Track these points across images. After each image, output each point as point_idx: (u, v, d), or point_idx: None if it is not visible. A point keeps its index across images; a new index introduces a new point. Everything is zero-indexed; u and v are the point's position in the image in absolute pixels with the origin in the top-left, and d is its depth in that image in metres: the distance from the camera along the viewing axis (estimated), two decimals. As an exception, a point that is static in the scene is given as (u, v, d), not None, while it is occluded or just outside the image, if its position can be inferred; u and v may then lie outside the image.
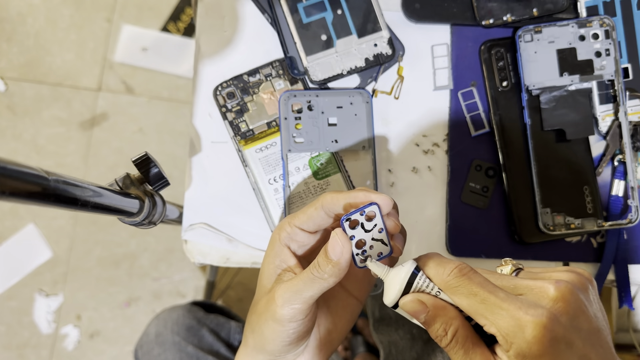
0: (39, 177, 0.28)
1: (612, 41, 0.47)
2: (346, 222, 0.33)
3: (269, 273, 0.37)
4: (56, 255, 1.21)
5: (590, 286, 0.30)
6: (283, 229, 0.37)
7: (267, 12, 0.50)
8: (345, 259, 0.33)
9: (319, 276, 0.33)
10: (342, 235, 0.33)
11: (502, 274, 0.31)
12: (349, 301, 0.39)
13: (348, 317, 0.39)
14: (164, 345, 0.64)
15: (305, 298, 0.34)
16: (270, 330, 0.35)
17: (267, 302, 0.35)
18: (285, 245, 0.37)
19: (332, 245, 0.33)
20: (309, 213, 0.36)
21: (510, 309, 0.28)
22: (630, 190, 0.48)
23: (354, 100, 0.48)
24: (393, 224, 0.35)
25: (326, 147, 0.48)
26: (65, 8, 1.27)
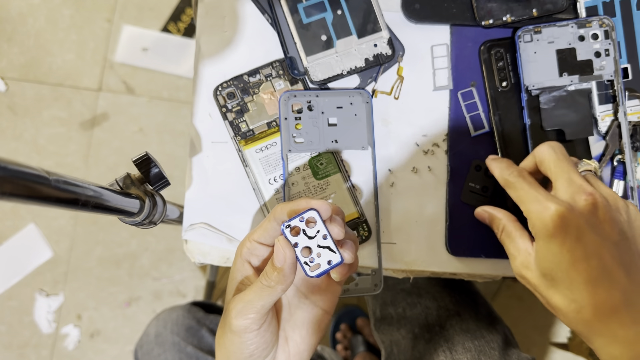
0: (39, 177, 0.28)
1: (612, 41, 0.47)
2: (287, 228, 0.34)
3: (231, 288, 0.38)
4: (57, 255, 1.21)
5: (627, 214, 0.38)
6: (244, 245, 0.38)
7: (267, 12, 0.50)
8: (289, 265, 0.34)
9: (267, 284, 0.34)
10: (284, 241, 0.34)
11: (570, 165, 0.38)
12: (315, 313, 0.40)
13: (316, 329, 0.39)
14: (163, 346, 0.64)
15: (257, 308, 0.34)
16: (230, 342, 0.36)
17: (225, 314, 0.36)
18: (246, 260, 0.38)
19: (276, 252, 0.34)
20: (265, 226, 0.37)
21: (541, 200, 0.35)
22: (629, 190, 0.48)
23: (354, 101, 0.49)
24: (337, 230, 0.35)
25: (326, 147, 0.48)
26: (65, 8, 1.27)
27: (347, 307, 1.18)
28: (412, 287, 0.60)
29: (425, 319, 0.57)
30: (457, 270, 0.49)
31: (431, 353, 0.54)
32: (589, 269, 0.33)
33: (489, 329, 0.55)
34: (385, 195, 0.49)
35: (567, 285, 0.34)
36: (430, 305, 0.58)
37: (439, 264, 0.49)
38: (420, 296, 0.59)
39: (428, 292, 0.59)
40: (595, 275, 0.33)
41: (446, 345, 0.53)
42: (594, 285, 0.32)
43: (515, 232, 0.40)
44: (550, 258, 0.34)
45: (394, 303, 0.61)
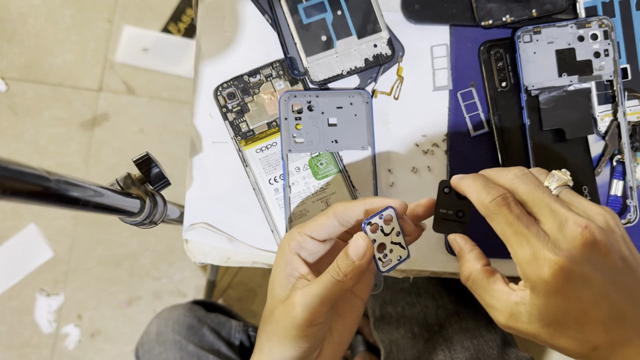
0: (40, 177, 0.28)
1: (611, 42, 0.47)
2: (367, 225, 0.34)
3: (281, 281, 0.37)
4: (57, 255, 1.21)
5: (619, 228, 0.33)
6: (293, 238, 0.38)
7: (267, 12, 0.50)
8: (367, 260, 0.34)
9: (339, 278, 0.34)
10: (365, 237, 0.34)
11: (544, 194, 0.32)
12: (354, 302, 0.40)
13: (354, 317, 0.40)
14: (164, 344, 0.64)
15: (324, 301, 0.34)
16: (290, 337, 0.35)
17: (285, 309, 0.36)
18: (295, 253, 0.37)
19: (356, 247, 0.34)
20: (321, 221, 0.37)
21: (536, 246, 0.30)
22: (629, 190, 0.48)
23: (354, 101, 0.49)
24: (410, 226, 0.37)
25: (326, 147, 0.48)
26: (66, 8, 1.27)
27: (347, 307, 1.18)
28: (412, 287, 0.60)
29: (425, 318, 0.57)
30: (456, 270, 0.49)
31: (430, 352, 0.54)
32: (599, 312, 0.30)
33: (488, 328, 0.55)
34: (385, 195, 0.50)
35: (578, 329, 0.30)
36: (430, 304, 0.58)
37: (438, 263, 0.49)
38: (419, 295, 0.59)
39: (427, 292, 0.59)
40: (606, 316, 0.30)
41: (445, 344, 0.53)
42: (607, 325, 0.30)
43: (487, 281, 0.33)
44: (554, 310, 0.30)
45: (393, 302, 0.61)
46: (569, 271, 0.29)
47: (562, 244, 0.30)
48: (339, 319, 0.39)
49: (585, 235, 0.30)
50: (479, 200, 0.33)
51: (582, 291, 0.29)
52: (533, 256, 0.30)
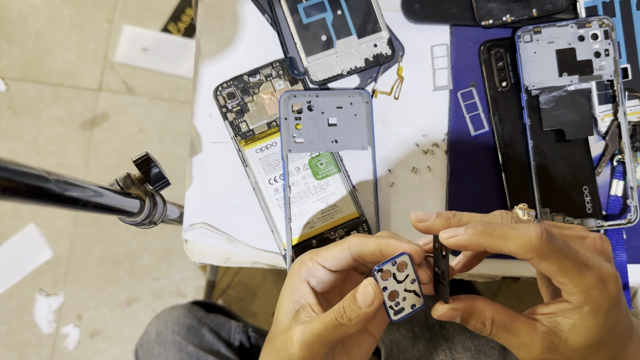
0: (39, 177, 0.28)
1: (611, 41, 0.47)
2: (378, 272, 0.32)
3: (287, 308, 0.37)
4: (57, 255, 1.21)
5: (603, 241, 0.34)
6: (304, 264, 0.37)
7: (267, 12, 0.50)
8: (375, 309, 0.32)
9: (343, 322, 0.32)
10: (375, 285, 0.32)
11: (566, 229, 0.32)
12: (365, 338, 0.38)
13: (363, 354, 0.38)
14: (164, 345, 0.64)
15: (324, 342, 0.33)
16: None
17: (284, 341, 0.35)
18: (305, 280, 0.37)
19: (364, 293, 0.32)
20: (334, 252, 0.36)
21: (595, 268, 0.29)
22: (629, 190, 0.48)
23: (354, 101, 0.49)
24: (426, 275, 0.34)
25: (326, 147, 0.48)
26: (65, 8, 1.27)
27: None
28: (412, 287, 0.60)
29: (425, 318, 0.57)
30: (457, 270, 0.49)
31: (431, 352, 0.54)
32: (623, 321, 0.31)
33: None
34: (385, 195, 0.49)
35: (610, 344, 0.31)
36: (430, 304, 0.58)
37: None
38: None
39: None
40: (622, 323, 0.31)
41: (446, 344, 0.53)
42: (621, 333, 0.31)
43: (509, 320, 0.31)
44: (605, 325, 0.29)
45: None
46: (619, 280, 0.30)
47: (602, 260, 0.30)
48: (344, 353, 0.38)
49: (606, 248, 0.32)
50: (522, 247, 0.29)
51: (620, 301, 0.30)
52: (598, 278, 0.29)
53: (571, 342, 0.30)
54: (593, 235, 0.32)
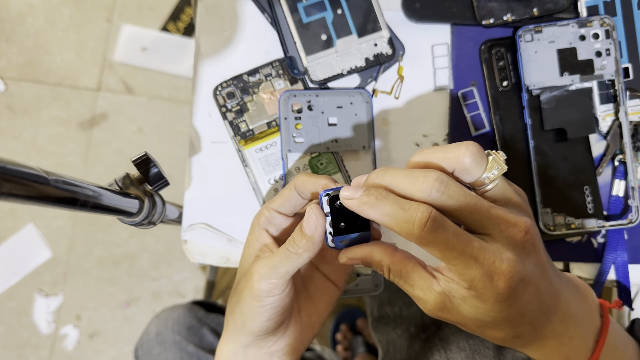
0: (38, 177, 0.28)
1: (613, 41, 0.47)
2: (325, 196, 0.33)
3: (248, 255, 0.38)
4: (56, 255, 1.21)
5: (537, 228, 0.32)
6: (262, 214, 0.38)
7: (267, 11, 0.50)
8: (319, 234, 0.33)
9: (294, 251, 0.34)
10: (317, 209, 0.33)
11: (477, 200, 0.29)
12: (327, 285, 0.40)
13: (327, 301, 0.40)
14: (164, 345, 0.64)
15: (281, 273, 0.34)
16: (249, 306, 0.36)
17: (245, 280, 0.36)
18: (263, 228, 0.38)
19: (307, 219, 0.33)
20: (284, 195, 0.37)
21: (486, 262, 0.28)
22: (630, 190, 0.47)
23: (354, 100, 0.48)
24: None
25: (326, 147, 0.48)
26: (64, 8, 1.26)
27: (347, 307, 1.18)
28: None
29: (421, 318, 0.57)
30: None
31: (426, 352, 0.54)
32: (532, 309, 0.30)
33: None
34: (385, 195, 0.49)
35: (510, 325, 0.30)
36: None
37: (435, 263, 0.49)
38: None
39: None
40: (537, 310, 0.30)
41: (441, 344, 0.53)
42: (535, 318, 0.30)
43: (406, 270, 0.31)
44: (494, 314, 0.29)
45: (391, 302, 0.61)
46: (518, 278, 0.28)
47: (508, 252, 0.29)
48: (309, 300, 0.40)
49: (527, 239, 0.29)
50: (404, 231, 0.28)
51: (523, 294, 0.29)
52: (485, 274, 0.28)
53: (462, 311, 0.29)
54: (521, 224, 0.29)
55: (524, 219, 0.30)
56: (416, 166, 0.31)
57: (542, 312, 0.30)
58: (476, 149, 0.30)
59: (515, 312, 0.29)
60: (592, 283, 0.49)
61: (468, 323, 0.30)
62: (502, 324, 0.29)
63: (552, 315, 0.30)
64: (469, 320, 0.30)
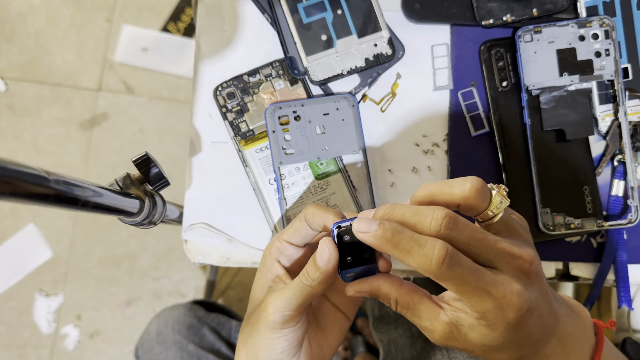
0: (39, 177, 0.28)
1: (612, 41, 0.47)
2: (336, 229, 0.33)
3: (261, 287, 0.38)
4: (56, 255, 1.21)
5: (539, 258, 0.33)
6: (273, 245, 0.38)
7: (267, 12, 0.50)
8: (332, 266, 0.33)
9: (308, 284, 0.34)
10: (329, 242, 0.33)
11: (484, 235, 0.30)
12: (337, 316, 0.40)
13: (337, 332, 0.40)
14: (164, 344, 0.64)
15: (295, 305, 0.34)
16: (263, 338, 0.36)
17: (259, 312, 0.36)
18: (275, 259, 0.38)
19: (320, 252, 0.34)
20: (295, 226, 0.37)
21: (498, 295, 0.29)
22: (630, 190, 0.48)
23: (340, 106, 0.48)
24: None
25: (317, 155, 0.48)
26: (65, 8, 1.27)
27: (347, 307, 1.18)
28: (411, 287, 0.60)
29: None
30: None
31: (428, 352, 0.54)
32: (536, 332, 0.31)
33: None
34: (385, 195, 0.49)
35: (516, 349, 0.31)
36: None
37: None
38: None
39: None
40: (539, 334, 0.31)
41: None
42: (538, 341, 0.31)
43: (413, 302, 0.32)
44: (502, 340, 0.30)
45: None
46: (527, 308, 0.29)
47: (516, 283, 0.30)
48: (319, 331, 0.39)
49: (532, 269, 0.30)
50: (421, 267, 0.29)
51: (529, 321, 0.30)
52: (497, 306, 0.29)
53: (470, 339, 0.30)
54: (526, 257, 0.30)
55: (528, 250, 0.31)
56: (422, 202, 0.33)
57: (543, 334, 0.31)
58: (481, 185, 0.31)
59: (521, 336, 0.30)
60: (592, 283, 0.49)
61: (475, 349, 0.31)
62: (508, 348, 0.31)
63: (552, 336, 0.32)
64: (476, 346, 0.31)
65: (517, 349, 0.31)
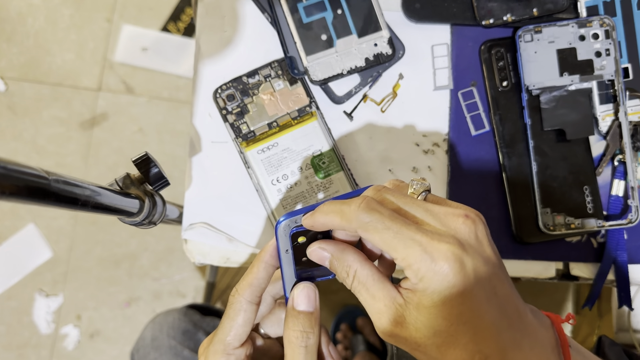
0: (39, 177, 0.28)
1: (612, 41, 0.47)
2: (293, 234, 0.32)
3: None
4: (56, 255, 1.21)
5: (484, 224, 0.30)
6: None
7: (267, 11, 0.50)
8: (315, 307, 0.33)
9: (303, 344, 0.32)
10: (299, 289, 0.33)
11: (412, 198, 0.30)
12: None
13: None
14: (160, 350, 0.63)
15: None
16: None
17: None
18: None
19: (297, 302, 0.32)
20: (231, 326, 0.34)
21: (424, 240, 0.27)
22: (630, 190, 0.47)
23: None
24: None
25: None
26: (65, 8, 1.27)
27: (347, 307, 1.18)
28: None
29: None
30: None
31: None
32: (490, 312, 0.27)
33: None
34: (385, 195, 0.49)
35: (471, 336, 0.27)
36: None
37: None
38: None
39: None
40: (497, 317, 0.27)
41: None
42: (498, 328, 0.27)
43: (373, 279, 0.30)
44: (447, 312, 0.27)
45: None
46: (462, 261, 0.27)
47: (448, 235, 0.27)
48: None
49: (467, 224, 0.28)
50: (345, 218, 0.28)
51: (475, 287, 0.27)
52: (424, 251, 0.27)
53: (418, 322, 0.27)
54: (458, 212, 0.29)
55: (462, 207, 0.29)
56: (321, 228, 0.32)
57: (506, 325, 0.27)
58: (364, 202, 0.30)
59: (471, 313, 0.27)
60: (592, 283, 0.49)
61: (423, 339, 0.27)
62: (461, 335, 0.27)
63: (521, 337, 0.28)
64: (423, 332, 0.27)
65: (471, 338, 0.27)
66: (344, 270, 0.31)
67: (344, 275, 0.31)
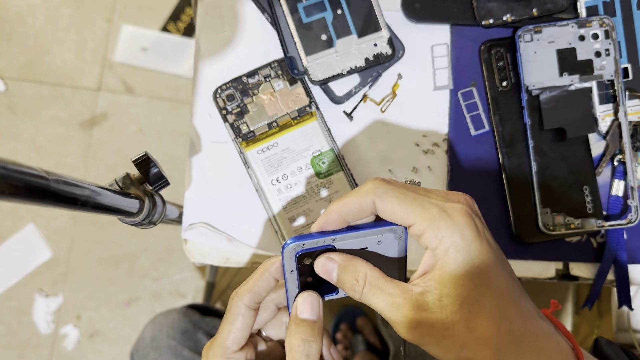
0: (38, 177, 0.28)
1: (612, 41, 0.47)
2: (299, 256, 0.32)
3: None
4: (56, 255, 1.21)
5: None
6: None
7: (267, 11, 0.50)
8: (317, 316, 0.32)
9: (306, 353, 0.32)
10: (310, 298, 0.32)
11: (413, 186, 0.31)
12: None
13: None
14: (159, 350, 0.63)
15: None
16: None
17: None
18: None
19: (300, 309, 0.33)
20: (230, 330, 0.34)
21: (438, 203, 0.28)
22: (630, 190, 0.48)
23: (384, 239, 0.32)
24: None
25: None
26: (65, 8, 1.27)
27: (347, 307, 1.18)
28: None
29: None
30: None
31: None
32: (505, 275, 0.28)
33: None
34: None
35: (495, 302, 0.27)
36: None
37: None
38: None
39: None
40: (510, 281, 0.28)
41: None
42: (514, 292, 0.28)
43: (384, 280, 0.30)
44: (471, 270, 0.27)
45: None
46: (474, 220, 0.28)
47: (456, 200, 0.29)
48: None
49: (467, 198, 0.30)
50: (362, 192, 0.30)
51: (488, 248, 0.28)
52: (441, 210, 0.28)
53: (443, 298, 0.27)
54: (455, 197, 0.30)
55: (458, 193, 0.30)
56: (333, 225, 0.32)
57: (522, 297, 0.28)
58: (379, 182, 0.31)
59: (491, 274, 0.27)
60: (592, 283, 0.49)
61: (450, 316, 0.27)
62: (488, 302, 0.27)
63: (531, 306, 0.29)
64: (449, 309, 0.27)
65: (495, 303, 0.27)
66: (352, 277, 0.30)
67: (352, 282, 0.30)
